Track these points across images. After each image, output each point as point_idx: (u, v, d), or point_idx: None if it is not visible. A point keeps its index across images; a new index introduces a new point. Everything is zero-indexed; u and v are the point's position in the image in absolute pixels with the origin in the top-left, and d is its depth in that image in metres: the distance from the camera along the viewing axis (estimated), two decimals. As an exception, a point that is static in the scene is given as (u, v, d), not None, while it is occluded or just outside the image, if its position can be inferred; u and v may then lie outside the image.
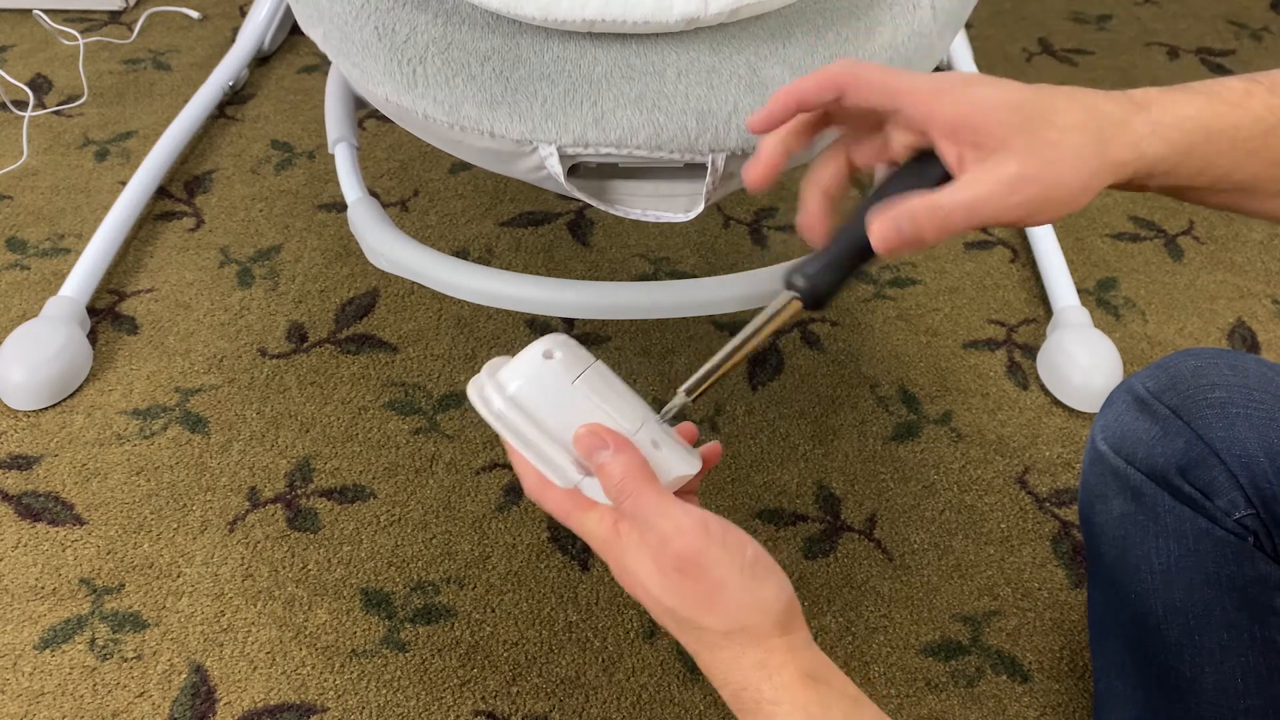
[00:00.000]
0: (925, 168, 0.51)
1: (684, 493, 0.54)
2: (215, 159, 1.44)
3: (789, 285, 0.52)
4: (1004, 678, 0.89)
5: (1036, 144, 0.47)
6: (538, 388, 0.50)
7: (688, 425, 0.56)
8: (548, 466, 0.50)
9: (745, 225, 1.35)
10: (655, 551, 0.47)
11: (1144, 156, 0.49)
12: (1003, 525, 1.01)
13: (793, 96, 0.51)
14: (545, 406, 0.50)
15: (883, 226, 0.49)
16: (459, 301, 1.20)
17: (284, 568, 0.96)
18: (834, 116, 0.54)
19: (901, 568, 0.97)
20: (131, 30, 1.70)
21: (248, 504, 1.01)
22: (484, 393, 0.50)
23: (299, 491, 1.02)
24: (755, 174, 0.53)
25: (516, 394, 0.50)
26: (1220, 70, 1.68)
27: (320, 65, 1.64)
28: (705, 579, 0.46)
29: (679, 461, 0.51)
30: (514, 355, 0.52)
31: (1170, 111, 0.49)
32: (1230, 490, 0.66)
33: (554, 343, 0.51)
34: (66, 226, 1.32)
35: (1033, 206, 0.48)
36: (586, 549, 0.97)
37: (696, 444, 0.55)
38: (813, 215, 0.53)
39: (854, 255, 0.51)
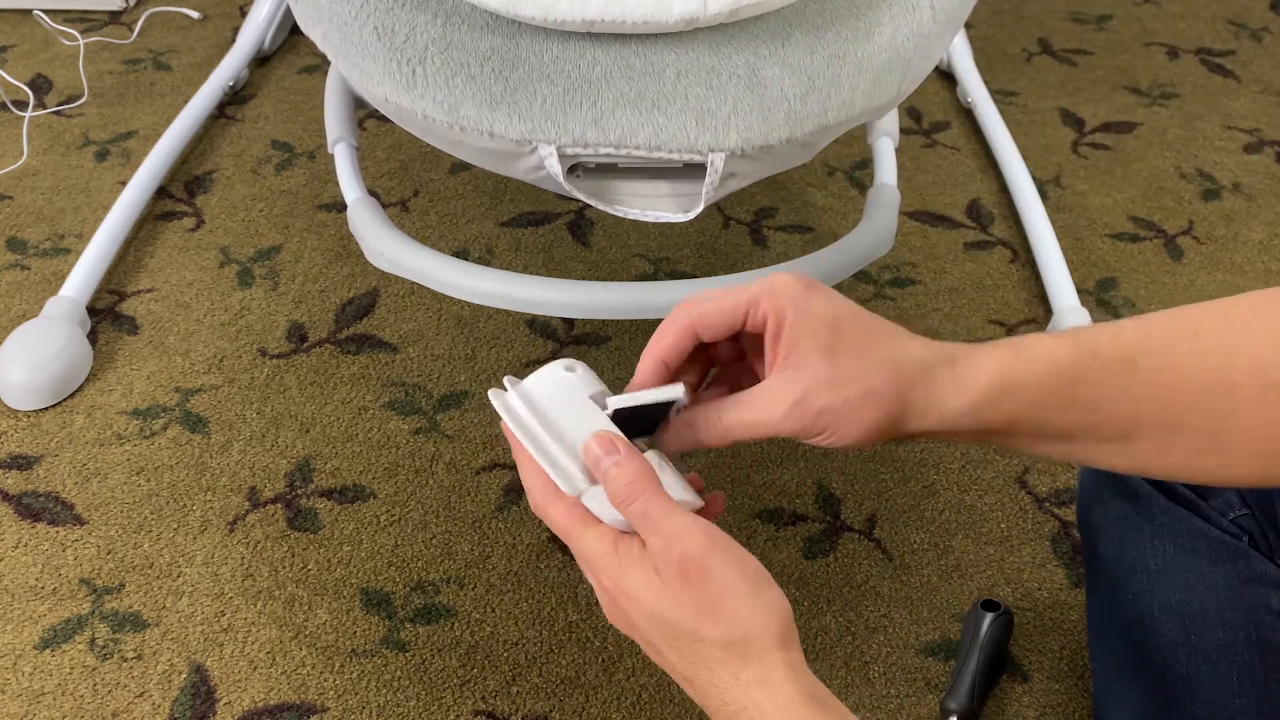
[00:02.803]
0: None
1: None
2: (215, 159, 1.44)
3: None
4: (1004, 677, 0.89)
5: (837, 375, 0.49)
6: (555, 395, 0.51)
7: (694, 476, 0.55)
8: (557, 472, 0.50)
9: (745, 225, 1.35)
10: (659, 555, 0.46)
11: (945, 407, 0.50)
12: (1003, 525, 1.01)
13: (656, 360, 0.53)
14: (561, 414, 0.51)
15: (672, 433, 0.53)
16: (459, 301, 1.20)
17: (284, 568, 0.96)
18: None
19: (901, 568, 0.97)
20: (131, 30, 1.71)
21: (248, 504, 1.01)
22: (504, 396, 0.52)
23: (299, 491, 1.02)
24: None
25: (535, 399, 0.51)
26: (1220, 70, 1.68)
27: (320, 65, 1.64)
28: (710, 583, 0.45)
29: (681, 490, 0.51)
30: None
31: (973, 364, 0.50)
32: (1225, 491, 0.67)
33: (575, 363, 0.53)
34: (66, 226, 1.32)
35: (809, 432, 0.50)
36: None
37: (703, 494, 0.55)
38: (643, 382, 0.53)
39: None
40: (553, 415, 0.51)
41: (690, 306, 0.52)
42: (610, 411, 0.51)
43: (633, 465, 0.48)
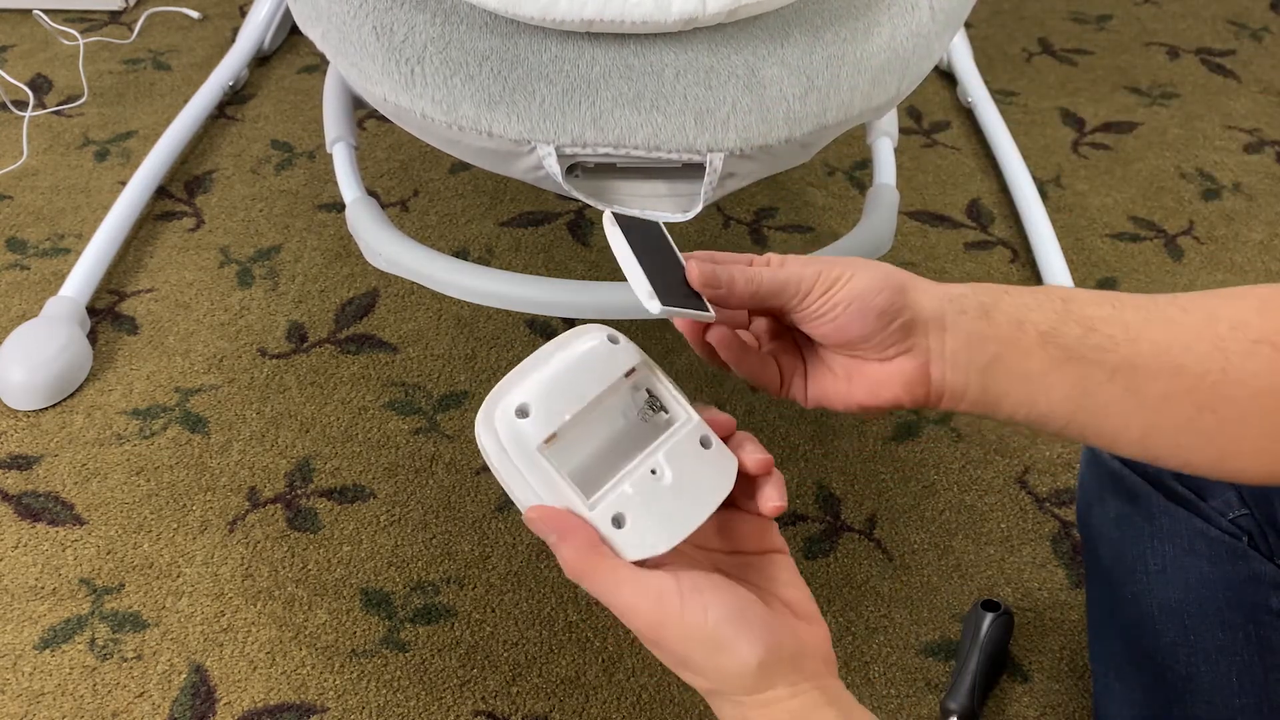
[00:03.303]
0: None
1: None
2: (215, 159, 1.44)
3: None
4: (1004, 677, 0.89)
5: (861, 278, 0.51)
6: (510, 448, 0.48)
7: (722, 419, 0.53)
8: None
9: (745, 225, 1.35)
10: (623, 622, 0.47)
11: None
12: (1003, 525, 1.01)
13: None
14: (514, 468, 0.48)
15: (701, 265, 0.51)
16: (459, 301, 1.20)
17: (284, 568, 0.96)
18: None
19: (901, 568, 0.97)
20: (131, 30, 1.71)
21: (248, 504, 1.01)
22: (479, 436, 0.50)
23: (299, 491, 1.02)
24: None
25: (498, 447, 0.49)
26: (1220, 70, 1.68)
27: (320, 65, 1.64)
28: (669, 652, 0.46)
29: (643, 541, 0.48)
30: (517, 370, 0.50)
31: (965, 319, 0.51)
32: (1224, 490, 0.67)
33: (530, 395, 0.49)
34: (66, 226, 1.32)
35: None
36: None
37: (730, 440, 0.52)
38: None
39: None
40: (516, 463, 0.48)
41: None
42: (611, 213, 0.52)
43: (568, 546, 0.47)
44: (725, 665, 0.45)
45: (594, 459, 0.50)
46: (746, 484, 0.51)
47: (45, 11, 1.68)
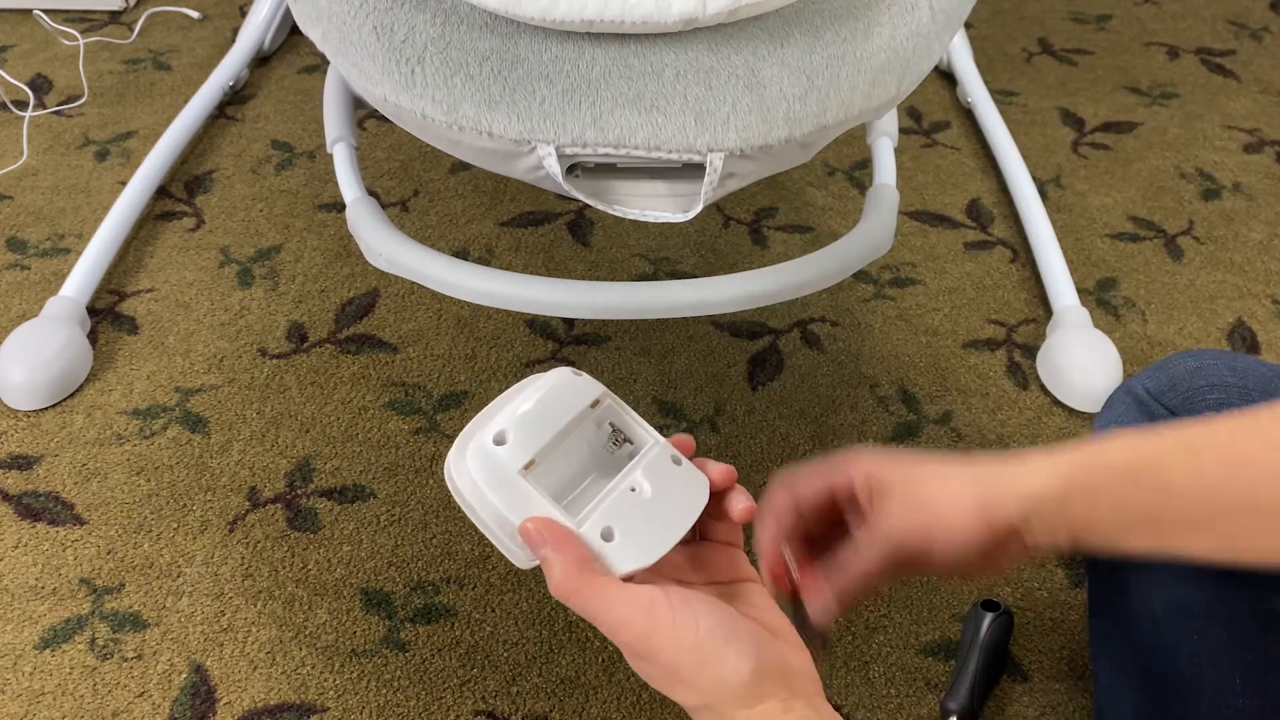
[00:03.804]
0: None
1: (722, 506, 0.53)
2: (215, 159, 1.44)
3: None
4: (1004, 678, 0.89)
5: (918, 497, 0.56)
6: (487, 477, 0.49)
7: (685, 439, 0.54)
8: (506, 552, 0.50)
9: (745, 225, 1.35)
10: (612, 639, 0.47)
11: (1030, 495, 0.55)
12: (1002, 525, 1.01)
13: (775, 544, 0.59)
14: (497, 495, 0.49)
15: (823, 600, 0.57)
16: (459, 301, 1.20)
17: (284, 568, 0.96)
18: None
19: (901, 567, 0.97)
20: (131, 30, 1.71)
21: (248, 504, 1.01)
22: (450, 476, 0.50)
23: (299, 491, 1.02)
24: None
25: (472, 481, 0.49)
26: (1220, 70, 1.68)
27: (320, 65, 1.64)
28: (660, 664, 0.46)
29: (631, 553, 0.48)
30: (487, 411, 0.51)
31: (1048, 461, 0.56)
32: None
33: (510, 416, 0.50)
34: (66, 226, 1.32)
35: (909, 552, 0.56)
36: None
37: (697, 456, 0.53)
38: (771, 563, 0.59)
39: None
40: (491, 495, 0.48)
41: (787, 482, 0.58)
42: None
43: (558, 559, 0.47)
44: (717, 675, 0.45)
45: (570, 487, 0.51)
46: (713, 504, 0.52)
47: (45, 11, 1.68)
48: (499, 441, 0.49)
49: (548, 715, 0.86)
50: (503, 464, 0.49)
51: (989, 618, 0.88)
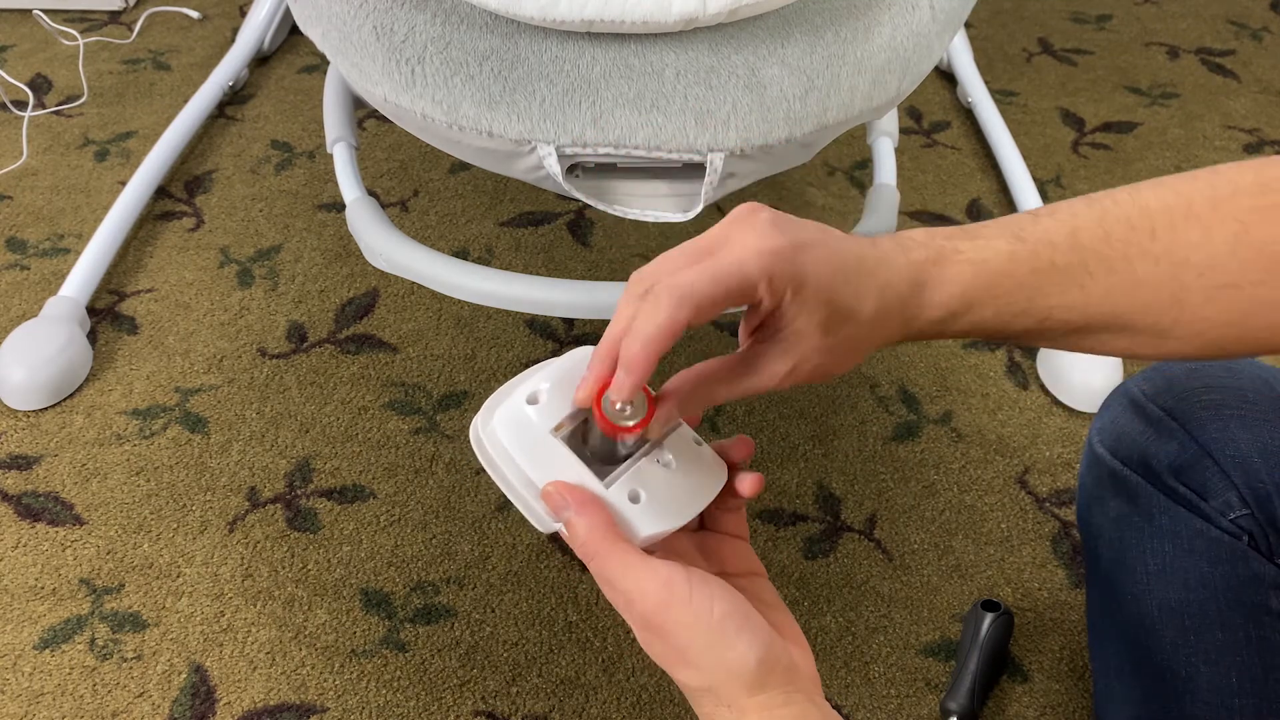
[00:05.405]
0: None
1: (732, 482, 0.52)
2: (215, 159, 1.44)
3: None
4: (1004, 678, 0.89)
5: (829, 341, 0.51)
6: (517, 436, 0.49)
7: (747, 440, 0.54)
8: (529, 514, 0.50)
9: (745, 225, 1.35)
10: (625, 611, 0.47)
11: (915, 324, 0.53)
12: (1003, 525, 1.01)
13: (654, 357, 0.47)
14: (525, 455, 0.49)
15: (670, 406, 0.50)
16: (459, 301, 1.20)
17: (284, 568, 0.96)
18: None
19: (901, 568, 0.97)
20: (131, 30, 1.71)
21: (247, 504, 1.01)
22: (477, 436, 0.51)
23: (299, 491, 1.02)
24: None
25: (500, 441, 0.49)
26: (1220, 70, 1.68)
27: (320, 65, 1.64)
28: (670, 640, 0.46)
29: (656, 517, 0.49)
30: (518, 377, 0.51)
31: (941, 290, 0.52)
32: (1225, 491, 0.67)
33: (546, 378, 0.50)
34: (66, 226, 1.32)
35: (803, 383, 0.53)
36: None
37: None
38: (643, 378, 0.49)
39: None
40: (519, 456, 0.49)
41: (677, 291, 0.46)
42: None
43: (584, 521, 0.47)
44: (724, 659, 0.45)
45: (596, 455, 0.51)
46: (724, 491, 0.52)
47: (45, 11, 1.68)
48: (532, 401, 0.50)
49: (548, 715, 0.86)
50: (534, 423, 0.49)
51: (989, 618, 0.88)
